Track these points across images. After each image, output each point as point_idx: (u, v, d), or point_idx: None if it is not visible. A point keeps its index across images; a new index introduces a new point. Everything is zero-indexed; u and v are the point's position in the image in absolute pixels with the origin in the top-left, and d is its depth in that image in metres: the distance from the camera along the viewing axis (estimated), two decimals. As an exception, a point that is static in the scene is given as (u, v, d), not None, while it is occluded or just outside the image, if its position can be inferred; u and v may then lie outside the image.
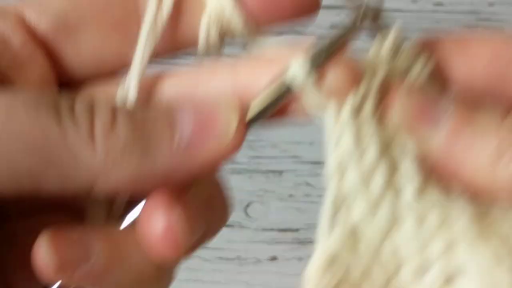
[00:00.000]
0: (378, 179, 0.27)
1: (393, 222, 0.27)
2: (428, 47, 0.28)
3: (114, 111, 0.27)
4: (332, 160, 0.27)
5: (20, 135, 0.26)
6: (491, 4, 0.99)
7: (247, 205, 0.81)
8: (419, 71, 0.28)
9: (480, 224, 0.26)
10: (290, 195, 0.81)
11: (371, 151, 0.27)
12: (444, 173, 0.27)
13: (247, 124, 0.28)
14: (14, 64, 0.30)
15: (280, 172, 0.82)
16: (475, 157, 0.25)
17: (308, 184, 0.81)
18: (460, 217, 0.26)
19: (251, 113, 0.28)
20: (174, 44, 0.31)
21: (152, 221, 0.29)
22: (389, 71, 0.28)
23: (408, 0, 0.98)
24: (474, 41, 0.28)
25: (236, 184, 0.89)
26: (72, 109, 0.27)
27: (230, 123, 0.27)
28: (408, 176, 0.27)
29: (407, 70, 0.28)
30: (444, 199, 0.27)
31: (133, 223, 0.32)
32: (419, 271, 0.27)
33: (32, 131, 0.26)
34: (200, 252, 0.42)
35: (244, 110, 0.28)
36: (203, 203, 0.31)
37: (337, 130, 0.27)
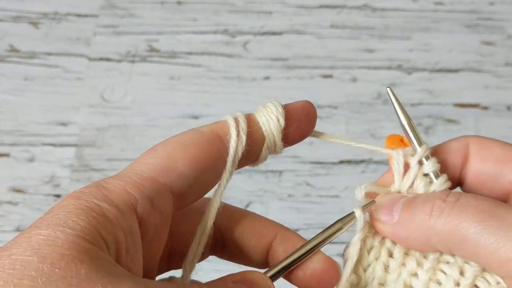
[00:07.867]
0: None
1: None
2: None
3: None
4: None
5: None
6: (491, 3, 0.99)
7: (247, 205, 0.81)
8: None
9: None
10: (290, 195, 0.81)
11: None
12: (401, 243, 0.38)
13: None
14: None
15: (280, 172, 0.82)
16: (415, 221, 0.36)
17: (308, 184, 0.81)
18: None
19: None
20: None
21: None
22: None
23: None
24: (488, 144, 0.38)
25: (236, 184, 0.89)
26: None
27: None
28: None
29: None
30: None
31: None
32: None
33: None
34: (199, 253, 0.42)
35: None
36: None
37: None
